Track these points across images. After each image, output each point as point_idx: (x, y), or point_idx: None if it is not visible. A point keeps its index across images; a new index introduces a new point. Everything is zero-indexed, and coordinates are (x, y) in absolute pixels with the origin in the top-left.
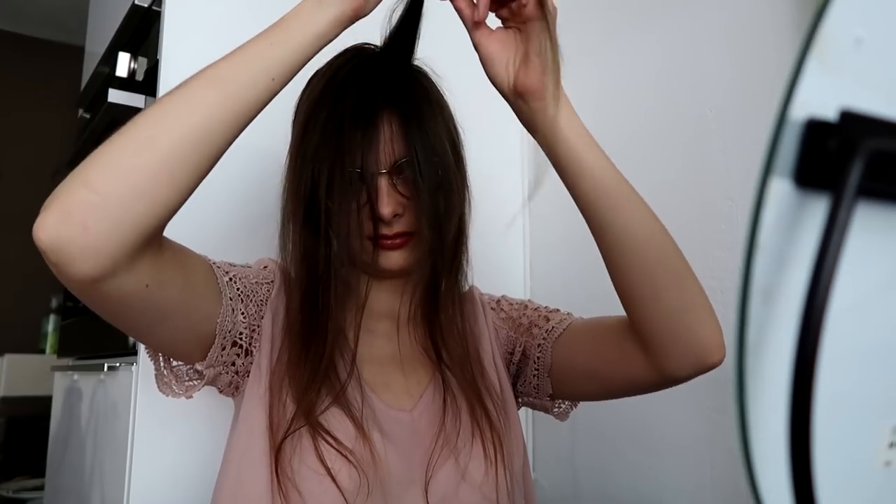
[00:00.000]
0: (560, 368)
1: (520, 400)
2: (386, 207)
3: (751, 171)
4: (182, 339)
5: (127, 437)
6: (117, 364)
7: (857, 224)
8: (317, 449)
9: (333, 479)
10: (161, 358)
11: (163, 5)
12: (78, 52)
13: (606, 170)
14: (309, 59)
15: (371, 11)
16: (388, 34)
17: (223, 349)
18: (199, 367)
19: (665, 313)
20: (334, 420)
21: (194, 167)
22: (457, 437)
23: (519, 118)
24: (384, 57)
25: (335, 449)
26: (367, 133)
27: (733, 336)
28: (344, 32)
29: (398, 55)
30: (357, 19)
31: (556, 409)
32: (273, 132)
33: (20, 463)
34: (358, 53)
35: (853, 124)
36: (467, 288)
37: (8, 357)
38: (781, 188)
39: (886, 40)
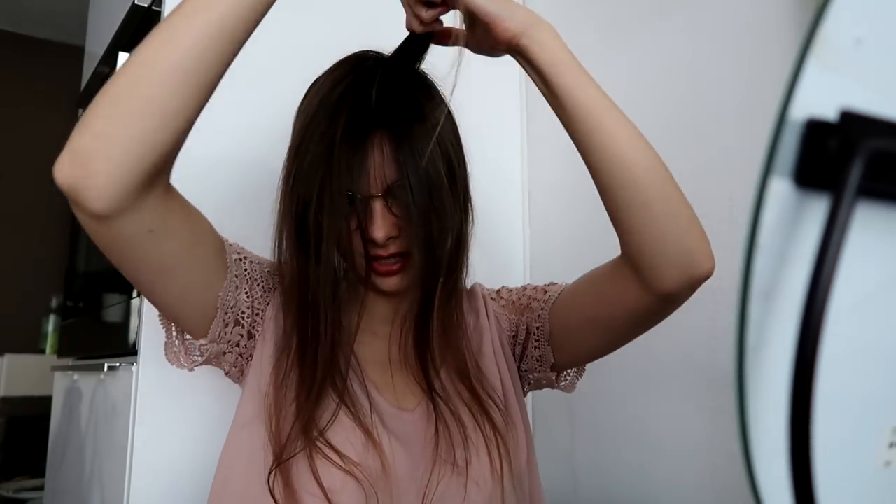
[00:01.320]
0: (559, 331)
1: (525, 384)
2: (379, 231)
3: (751, 171)
4: (184, 304)
5: (127, 437)
6: (117, 364)
7: (857, 224)
8: (314, 472)
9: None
10: (174, 328)
11: (163, 5)
12: (78, 52)
13: (590, 81)
14: None
15: None
16: (395, 50)
17: (225, 325)
18: (202, 341)
19: (654, 222)
20: (342, 430)
21: (185, 102)
22: (453, 462)
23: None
24: (384, 69)
25: (338, 466)
26: (359, 157)
27: (733, 336)
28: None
29: (399, 67)
30: None
31: (562, 382)
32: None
33: (20, 463)
34: (357, 65)
35: (853, 124)
36: (468, 287)
37: (8, 357)
38: (781, 188)
39: (886, 40)
